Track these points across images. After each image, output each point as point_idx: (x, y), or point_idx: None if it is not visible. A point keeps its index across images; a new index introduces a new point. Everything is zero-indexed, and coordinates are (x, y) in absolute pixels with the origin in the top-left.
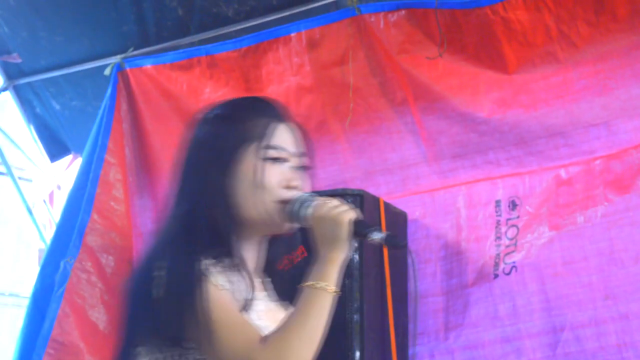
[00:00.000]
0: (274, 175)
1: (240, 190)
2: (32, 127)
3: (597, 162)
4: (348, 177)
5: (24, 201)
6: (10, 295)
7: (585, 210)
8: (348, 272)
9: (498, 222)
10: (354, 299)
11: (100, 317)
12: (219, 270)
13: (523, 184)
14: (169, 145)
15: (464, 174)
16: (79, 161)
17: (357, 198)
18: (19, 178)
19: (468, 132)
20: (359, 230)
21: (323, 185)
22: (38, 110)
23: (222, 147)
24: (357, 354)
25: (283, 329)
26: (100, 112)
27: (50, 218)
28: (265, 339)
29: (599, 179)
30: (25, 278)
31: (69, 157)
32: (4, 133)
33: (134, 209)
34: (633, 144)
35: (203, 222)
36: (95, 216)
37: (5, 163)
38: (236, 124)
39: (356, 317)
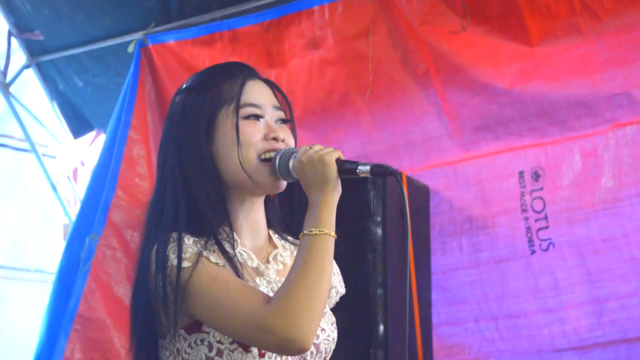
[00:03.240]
0: (255, 131)
1: (224, 153)
2: (55, 104)
3: (620, 131)
4: (371, 150)
5: (48, 178)
6: (36, 271)
7: (619, 188)
8: (371, 246)
9: (522, 194)
10: (377, 274)
11: (126, 292)
12: (212, 247)
13: (546, 154)
14: None
15: (486, 145)
16: (102, 137)
17: (380, 169)
18: (43, 155)
19: (489, 104)
20: (346, 167)
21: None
22: (61, 87)
23: (198, 115)
24: (381, 327)
25: (286, 284)
26: (123, 88)
27: (74, 194)
28: (271, 299)
29: (625, 150)
30: (50, 254)
31: (92, 133)
32: (28, 110)
33: None
34: None
35: (192, 196)
36: (119, 192)
37: (29, 140)
38: (207, 91)
39: (380, 291)
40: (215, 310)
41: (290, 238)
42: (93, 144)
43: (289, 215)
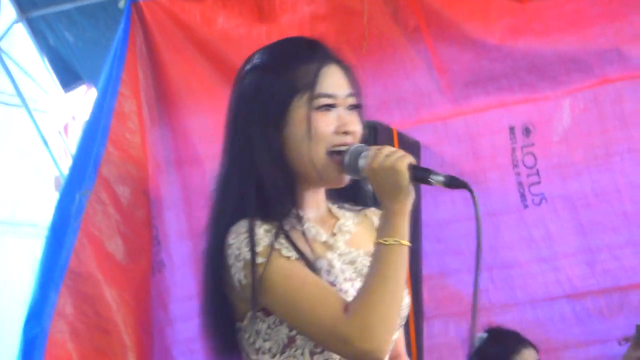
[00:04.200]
0: (326, 124)
1: (293, 143)
2: (45, 59)
3: (610, 87)
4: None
5: (39, 132)
6: (29, 225)
7: (611, 143)
8: (361, 203)
9: (513, 149)
10: None
11: (117, 248)
12: (281, 241)
13: (536, 110)
14: (184, 75)
15: (477, 101)
16: (93, 92)
17: (370, 129)
18: (34, 109)
19: (480, 59)
20: (419, 175)
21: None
22: (51, 42)
23: (270, 100)
24: None
25: (364, 295)
26: (114, 44)
27: (66, 148)
28: (348, 308)
29: (616, 105)
30: (43, 209)
31: (83, 87)
32: (18, 65)
33: (150, 139)
34: None
35: (260, 181)
36: (110, 148)
37: (19, 95)
38: (281, 74)
39: None
40: (290, 309)
41: (346, 205)
42: (84, 99)
43: None
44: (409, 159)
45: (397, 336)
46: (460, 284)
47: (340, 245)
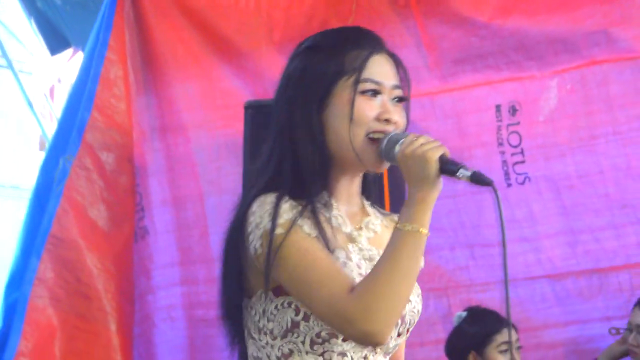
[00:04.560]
0: (370, 108)
1: (334, 124)
2: (32, 21)
3: (597, 68)
4: None
5: (24, 94)
6: (12, 187)
7: (595, 125)
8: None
9: (499, 128)
10: None
11: (99, 214)
12: (308, 215)
13: (523, 89)
14: (171, 42)
15: (464, 78)
16: (80, 55)
17: None
18: (20, 71)
19: (469, 37)
20: (447, 167)
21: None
22: (39, 4)
23: (316, 81)
24: None
25: (372, 277)
26: (102, 8)
27: (51, 111)
28: (354, 288)
29: (602, 88)
30: (25, 171)
31: (70, 50)
32: (4, 26)
33: (135, 106)
34: (633, 52)
35: (297, 159)
36: (95, 113)
37: (5, 56)
38: (330, 57)
39: None
40: (299, 284)
41: (381, 209)
42: (70, 61)
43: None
44: (443, 150)
45: (401, 340)
46: (441, 260)
47: (363, 240)
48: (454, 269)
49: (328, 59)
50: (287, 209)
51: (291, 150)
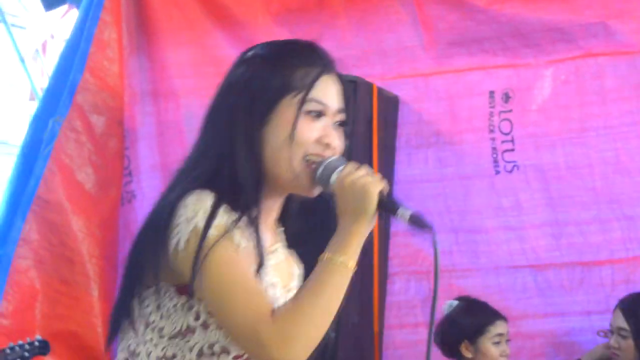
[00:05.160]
0: (311, 130)
1: (274, 141)
2: None
3: (592, 61)
4: (344, 54)
5: (16, 48)
6: (1, 143)
7: (587, 118)
8: None
9: (491, 114)
10: None
11: (87, 177)
12: (239, 226)
13: (517, 76)
14: (168, 5)
15: (459, 61)
16: (74, 12)
17: (350, 84)
18: (12, 25)
19: (466, 20)
20: (386, 204)
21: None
22: None
23: (262, 94)
24: None
25: (294, 304)
26: None
27: (42, 67)
28: (275, 313)
29: (596, 81)
30: (15, 126)
31: (64, 7)
32: None
33: (128, 69)
34: (630, 47)
35: (227, 171)
36: (87, 75)
37: None
38: (279, 70)
39: None
40: (218, 295)
41: (284, 236)
42: (64, 18)
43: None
44: (383, 185)
45: None
46: (424, 243)
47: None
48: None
49: (276, 72)
50: (223, 213)
51: (230, 159)
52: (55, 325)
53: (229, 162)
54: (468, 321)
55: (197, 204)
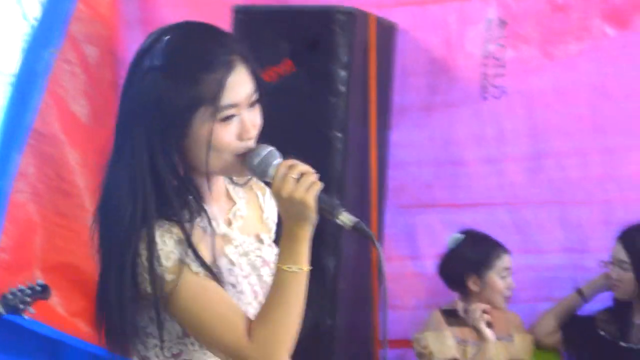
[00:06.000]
0: (229, 134)
1: (195, 151)
2: None
3: None
4: None
5: None
6: None
7: (581, 42)
8: (334, 89)
9: (487, 41)
10: (338, 117)
11: (82, 109)
12: (190, 250)
13: (516, 3)
14: None
15: None
16: None
17: (348, 16)
18: None
19: None
20: (326, 209)
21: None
22: None
23: (174, 113)
24: (339, 169)
25: (266, 321)
26: None
27: None
28: (251, 333)
29: (596, 8)
30: (8, 55)
31: None
32: None
33: None
34: None
35: (161, 186)
36: (80, 5)
37: None
38: (183, 86)
39: (339, 134)
40: (195, 328)
41: (240, 180)
42: None
43: None
44: (318, 187)
45: None
46: (407, 176)
47: (236, 235)
48: (419, 187)
49: (182, 88)
50: (173, 246)
51: (152, 176)
52: (54, 258)
53: (153, 179)
54: (476, 255)
55: (149, 251)
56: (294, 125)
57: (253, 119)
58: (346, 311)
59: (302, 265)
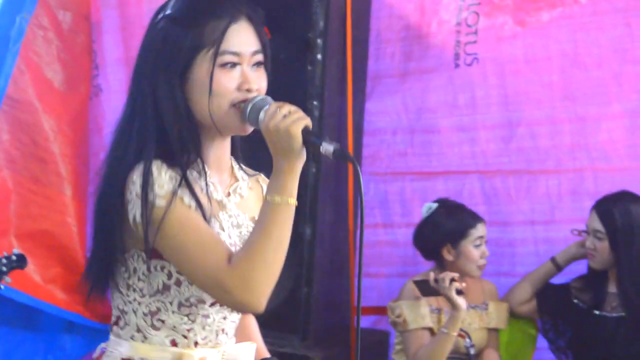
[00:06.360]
0: (229, 80)
1: (196, 96)
2: None
3: None
4: None
5: None
6: None
7: (553, 9)
8: (311, 58)
9: (460, 8)
10: (314, 85)
11: (55, 75)
12: (185, 187)
13: None
14: None
15: None
16: None
17: None
18: None
19: None
20: (310, 141)
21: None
22: None
23: (176, 54)
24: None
25: (248, 249)
26: None
27: None
28: (232, 260)
29: None
30: None
31: None
32: None
33: None
34: None
35: (164, 130)
36: None
37: None
38: (189, 29)
39: (316, 103)
40: (179, 254)
41: (250, 171)
42: None
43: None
44: (305, 123)
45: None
46: (382, 144)
47: (232, 206)
48: (393, 155)
49: (187, 31)
50: (167, 180)
51: (157, 120)
52: (29, 225)
53: (159, 123)
54: (450, 224)
55: (142, 178)
56: (269, 94)
57: (256, 77)
58: (322, 279)
59: (288, 196)
